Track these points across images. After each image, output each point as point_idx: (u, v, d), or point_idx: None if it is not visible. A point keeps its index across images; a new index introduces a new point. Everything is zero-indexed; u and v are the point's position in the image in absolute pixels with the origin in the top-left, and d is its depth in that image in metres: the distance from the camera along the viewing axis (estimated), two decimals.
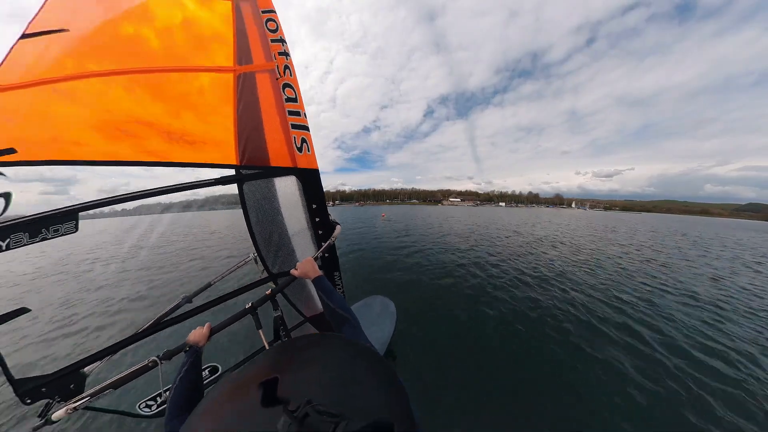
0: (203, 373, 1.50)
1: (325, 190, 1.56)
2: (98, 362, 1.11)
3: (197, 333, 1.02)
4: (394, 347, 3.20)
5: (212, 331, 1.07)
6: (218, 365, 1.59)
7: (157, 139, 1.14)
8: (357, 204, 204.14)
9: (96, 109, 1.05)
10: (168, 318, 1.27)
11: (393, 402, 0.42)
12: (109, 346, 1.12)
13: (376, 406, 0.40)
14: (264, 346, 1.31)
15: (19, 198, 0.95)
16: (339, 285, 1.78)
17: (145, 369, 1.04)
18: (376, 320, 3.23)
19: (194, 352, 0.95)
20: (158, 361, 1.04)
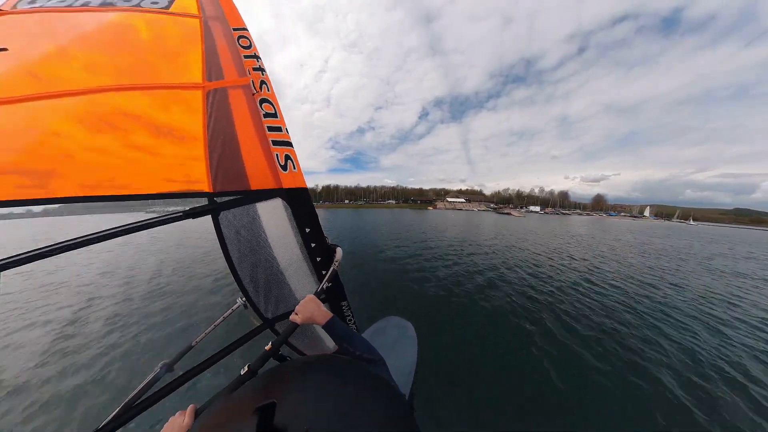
0: None
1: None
2: None
3: (175, 426, 0.70)
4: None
5: (197, 414, 0.77)
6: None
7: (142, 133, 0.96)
8: None
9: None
10: (145, 396, 0.91)
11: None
12: None
13: None
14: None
15: None
16: (349, 316, 1.51)
17: None
18: (394, 347, 2.61)
19: None
20: None
